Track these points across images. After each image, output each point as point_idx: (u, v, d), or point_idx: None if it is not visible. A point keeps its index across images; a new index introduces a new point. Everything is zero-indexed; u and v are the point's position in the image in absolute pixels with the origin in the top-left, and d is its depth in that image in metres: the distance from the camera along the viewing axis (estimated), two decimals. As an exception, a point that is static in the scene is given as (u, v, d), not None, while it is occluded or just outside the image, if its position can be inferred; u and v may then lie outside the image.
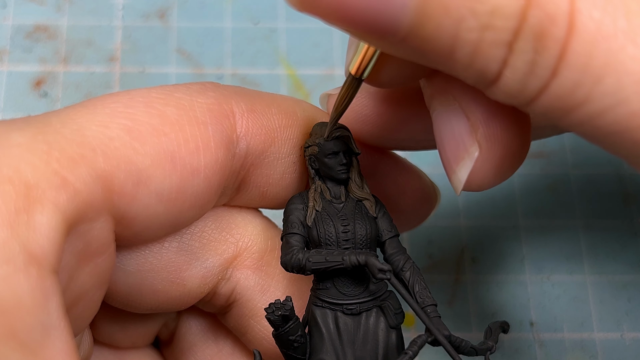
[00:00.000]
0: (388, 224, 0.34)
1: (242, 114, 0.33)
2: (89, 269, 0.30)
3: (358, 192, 0.34)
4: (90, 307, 0.31)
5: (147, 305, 0.35)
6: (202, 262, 0.35)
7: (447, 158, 0.32)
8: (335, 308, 0.33)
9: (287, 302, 0.32)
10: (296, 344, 0.33)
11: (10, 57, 0.53)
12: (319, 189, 0.35)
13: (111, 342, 0.38)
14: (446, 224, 0.50)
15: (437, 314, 0.32)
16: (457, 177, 0.32)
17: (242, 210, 0.36)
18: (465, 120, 0.31)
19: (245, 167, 0.34)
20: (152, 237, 0.33)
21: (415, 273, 0.33)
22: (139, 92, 0.32)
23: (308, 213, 0.34)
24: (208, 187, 0.32)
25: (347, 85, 0.32)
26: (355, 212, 0.34)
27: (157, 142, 0.30)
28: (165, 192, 0.31)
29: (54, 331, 0.26)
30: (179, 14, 0.55)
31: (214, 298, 0.36)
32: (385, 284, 0.34)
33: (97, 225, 0.29)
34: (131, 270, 0.33)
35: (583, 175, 0.51)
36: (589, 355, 0.47)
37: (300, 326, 0.33)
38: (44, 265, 0.26)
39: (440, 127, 0.32)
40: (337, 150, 0.34)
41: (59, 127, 0.29)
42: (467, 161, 0.31)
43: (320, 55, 0.54)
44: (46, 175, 0.27)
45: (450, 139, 0.31)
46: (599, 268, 0.49)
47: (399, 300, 0.33)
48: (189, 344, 0.39)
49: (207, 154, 0.32)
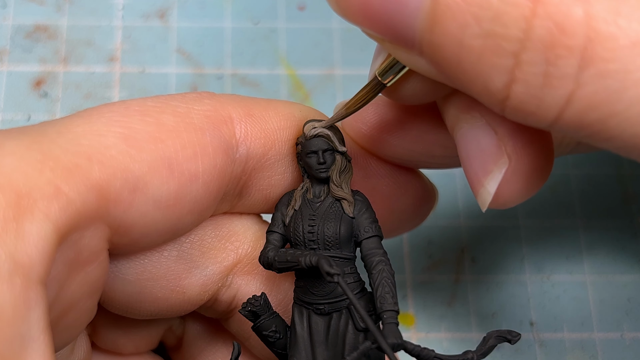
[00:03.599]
0: (367, 224, 0.33)
1: (241, 119, 0.33)
2: (80, 277, 0.29)
3: (336, 192, 0.34)
4: (81, 316, 0.31)
5: (147, 312, 0.35)
6: (201, 270, 0.34)
7: (474, 172, 0.31)
8: (308, 307, 0.33)
9: (257, 299, 0.33)
10: (271, 339, 0.34)
11: (10, 57, 0.53)
12: (305, 187, 0.35)
13: (114, 348, 0.38)
14: (446, 224, 0.50)
15: (393, 320, 0.31)
16: (485, 190, 0.31)
17: (242, 216, 0.36)
18: (492, 134, 0.30)
19: (246, 172, 0.34)
20: (150, 244, 0.33)
21: (383, 276, 0.32)
22: (135, 102, 0.32)
23: (287, 212, 0.34)
24: (207, 193, 0.32)
25: (369, 88, 0.33)
26: (329, 212, 0.34)
27: (154, 149, 0.30)
28: (162, 199, 0.30)
29: (33, 344, 0.25)
30: (179, 14, 0.55)
31: (215, 304, 0.36)
32: (358, 285, 0.33)
33: (89, 234, 0.29)
34: (130, 279, 0.33)
35: (583, 175, 0.51)
36: (589, 355, 0.47)
37: (276, 322, 0.34)
38: (30, 276, 0.25)
39: (467, 144, 0.31)
40: (315, 149, 0.34)
41: (55, 136, 0.29)
42: (496, 173, 0.30)
43: (320, 55, 0.54)
44: (39, 184, 0.27)
45: (477, 154, 0.31)
46: (599, 268, 0.49)
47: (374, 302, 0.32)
48: (199, 349, 0.39)
49: (205, 160, 0.32)
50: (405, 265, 0.49)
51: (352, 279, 0.33)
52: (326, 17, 0.55)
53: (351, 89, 0.53)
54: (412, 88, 0.32)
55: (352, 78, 0.53)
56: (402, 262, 0.49)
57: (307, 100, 0.52)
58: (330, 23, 0.55)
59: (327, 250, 0.33)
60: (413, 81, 0.32)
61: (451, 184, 0.51)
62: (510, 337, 0.32)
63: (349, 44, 0.54)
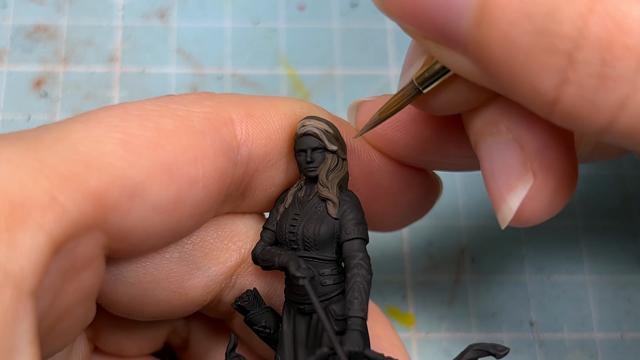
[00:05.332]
0: (350, 226, 0.32)
1: (241, 120, 0.33)
2: (75, 284, 0.29)
3: (321, 191, 0.33)
4: (76, 321, 0.31)
5: (150, 313, 0.34)
6: (204, 271, 0.34)
7: (497, 187, 0.31)
8: (293, 306, 0.33)
9: (248, 294, 0.34)
10: (261, 334, 0.34)
11: (10, 57, 0.53)
12: (299, 185, 0.34)
13: (118, 350, 0.38)
14: (446, 224, 0.50)
15: (356, 327, 0.30)
16: (507, 205, 0.30)
17: (244, 216, 0.36)
18: (519, 150, 0.30)
19: (249, 173, 0.34)
20: (151, 248, 0.33)
21: (355, 281, 0.31)
22: (134, 106, 0.31)
23: (280, 209, 0.34)
24: (207, 196, 0.32)
25: (403, 94, 0.32)
26: (313, 212, 0.33)
27: (154, 155, 0.30)
28: (162, 204, 0.30)
29: (19, 356, 0.25)
30: (179, 14, 0.55)
31: (218, 305, 0.36)
32: (337, 288, 0.33)
33: (84, 242, 0.28)
34: (132, 281, 0.33)
35: (583, 175, 0.51)
36: (589, 355, 0.47)
37: (266, 318, 0.34)
38: (21, 287, 0.25)
39: (492, 158, 0.31)
40: (303, 147, 0.33)
41: (52, 143, 0.28)
42: (520, 189, 0.30)
43: (320, 55, 0.54)
44: (34, 193, 0.26)
45: (502, 169, 0.30)
46: (599, 268, 0.49)
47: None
48: (205, 348, 0.39)
49: (206, 163, 0.31)
50: (405, 265, 0.49)
51: (332, 281, 0.33)
52: (326, 17, 0.55)
53: (351, 89, 0.53)
54: (447, 98, 0.31)
55: (352, 78, 0.53)
56: (402, 262, 0.49)
57: (307, 100, 0.52)
58: (330, 23, 0.55)
59: (306, 251, 0.33)
60: (449, 91, 0.31)
61: (451, 184, 0.50)
62: (495, 352, 0.31)
63: (349, 44, 0.54)
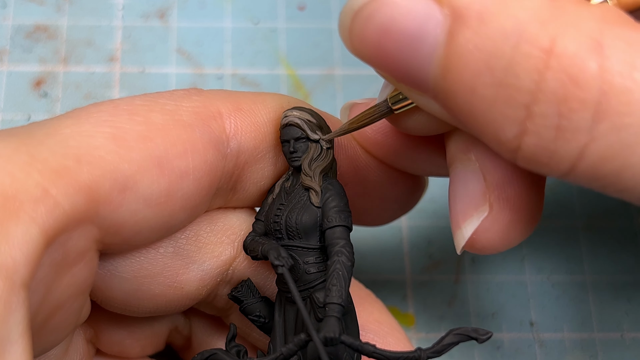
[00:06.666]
0: (332, 214, 0.33)
1: (230, 114, 0.33)
2: (67, 278, 0.29)
3: (304, 180, 0.34)
4: (70, 316, 0.31)
5: (146, 309, 0.35)
6: (199, 265, 0.34)
7: (455, 213, 0.32)
8: (283, 295, 0.34)
9: (240, 285, 0.35)
10: (256, 323, 0.35)
11: (10, 57, 0.53)
12: (287, 176, 0.35)
13: (120, 351, 0.38)
14: (446, 224, 0.50)
15: (334, 313, 0.30)
16: (461, 233, 0.31)
17: (236, 210, 0.36)
18: (481, 180, 0.31)
19: (239, 166, 0.34)
20: (144, 242, 0.33)
21: (335, 268, 0.31)
22: (123, 101, 0.32)
23: (269, 200, 0.35)
24: (198, 189, 0.32)
25: (376, 109, 0.33)
26: (297, 201, 0.33)
27: (144, 148, 0.30)
28: (153, 197, 0.30)
29: (11, 347, 0.25)
30: (179, 14, 0.55)
31: (215, 300, 0.36)
32: (322, 275, 0.33)
33: (76, 235, 0.29)
34: (127, 276, 0.33)
35: (583, 175, 0.51)
36: (589, 355, 0.47)
37: (260, 307, 0.34)
38: (13, 279, 0.25)
39: (456, 184, 0.32)
40: (287, 138, 0.34)
41: (43, 138, 0.29)
42: (475, 219, 0.31)
43: (320, 55, 0.54)
44: (26, 187, 0.26)
45: (463, 196, 0.31)
46: (599, 268, 0.49)
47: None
48: (209, 346, 0.39)
49: (196, 156, 0.32)
50: (405, 265, 0.49)
51: (316, 269, 0.33)
52: (326, 17, 0.55)
53: (351, 89, 0.53)
54: (418, 121, 0.32)
55: (352, 78, 0.53)
56: (402, 262, 0.49)
57: (307, 100, 0.52)
58: (330, 23, 0.55)
59: (290, 240, 0.33)
60: (420, 115, 0.32)
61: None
62: (477, 336, 0.30)
63: (349, 44, 0.54)
